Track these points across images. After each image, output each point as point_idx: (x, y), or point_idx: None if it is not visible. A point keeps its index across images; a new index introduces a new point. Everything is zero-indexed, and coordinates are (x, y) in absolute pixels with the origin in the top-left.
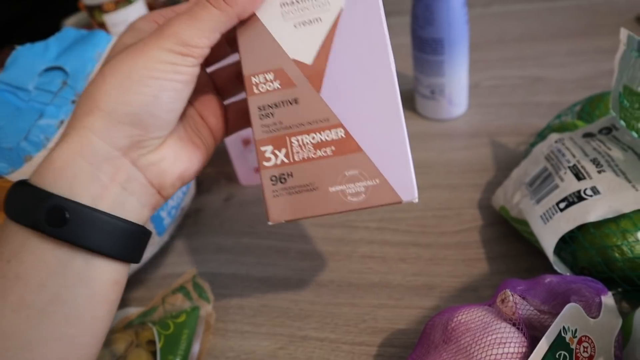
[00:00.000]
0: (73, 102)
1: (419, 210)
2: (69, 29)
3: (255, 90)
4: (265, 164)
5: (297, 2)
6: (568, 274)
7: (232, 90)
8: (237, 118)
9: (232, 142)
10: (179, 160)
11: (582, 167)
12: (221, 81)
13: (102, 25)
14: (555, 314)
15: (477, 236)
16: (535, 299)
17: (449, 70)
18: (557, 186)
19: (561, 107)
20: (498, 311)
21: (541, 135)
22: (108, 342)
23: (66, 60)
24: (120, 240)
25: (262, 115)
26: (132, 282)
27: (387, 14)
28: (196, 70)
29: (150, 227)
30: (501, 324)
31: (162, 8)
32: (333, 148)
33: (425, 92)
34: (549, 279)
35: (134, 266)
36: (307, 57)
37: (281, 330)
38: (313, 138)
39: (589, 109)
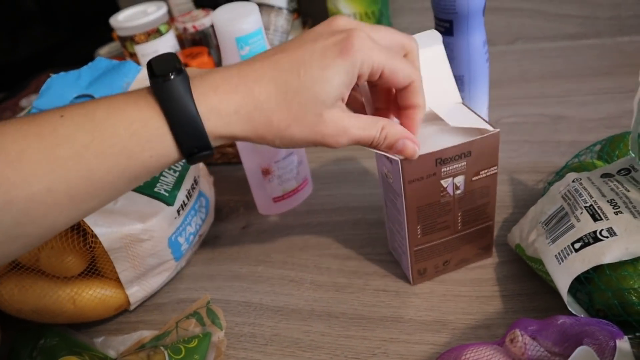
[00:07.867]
0: None
1: None
2: (101, 58)
3: None
4: None
5: None
6: (583, 315)
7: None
8: None
9: (252, 171)
10: None
11: (599, 207)
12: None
13: (134, 56)
14: (566, 357)
15: (492, 273)
16: (546, 340)
17: None
18: (572, 226)
19: (582, 145)
20: (507, 351)
21: (559, 174)
22: None
23: (96, 89)
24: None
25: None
26: (147, 306)
27: None
28: None
29: (167, 253)
30: None
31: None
32: None
33: None
34: (562, 320)
35: (150, 290)
36: None
37: None
38: None
39: (609, 149)
